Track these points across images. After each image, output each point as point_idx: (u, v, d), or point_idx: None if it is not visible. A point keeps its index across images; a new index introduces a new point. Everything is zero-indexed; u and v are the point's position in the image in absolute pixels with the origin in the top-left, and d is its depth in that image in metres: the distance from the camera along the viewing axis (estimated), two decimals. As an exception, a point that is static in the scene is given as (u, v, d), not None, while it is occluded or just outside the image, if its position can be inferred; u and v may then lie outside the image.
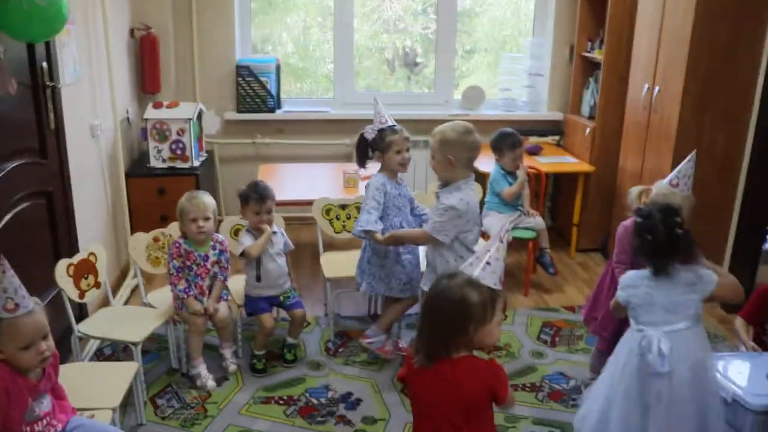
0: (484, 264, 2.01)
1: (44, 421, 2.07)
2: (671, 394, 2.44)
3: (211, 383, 3.20)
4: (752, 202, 3.98)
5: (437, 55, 5.41)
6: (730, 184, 4.05)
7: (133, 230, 4.19)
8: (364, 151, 3.33)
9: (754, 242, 4.03)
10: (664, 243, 2.41)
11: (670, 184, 2.87)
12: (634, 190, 3.03)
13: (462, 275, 1.95)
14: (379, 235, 3.12)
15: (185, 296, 3.16)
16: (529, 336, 3.76)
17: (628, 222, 2.92)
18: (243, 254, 3.25)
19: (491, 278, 1.99)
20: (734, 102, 3.92)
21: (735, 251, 4.11)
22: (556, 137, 5.34)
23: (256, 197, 3.27)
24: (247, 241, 3.26)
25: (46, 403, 2.09)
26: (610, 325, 3.02)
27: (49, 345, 2.05)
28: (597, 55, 4.88)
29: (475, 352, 1.98)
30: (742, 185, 4.03)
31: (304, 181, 4.50)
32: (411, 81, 5.76)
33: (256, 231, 3.30)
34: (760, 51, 3.84)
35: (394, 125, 3.30)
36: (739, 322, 3.14)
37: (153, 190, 4.33)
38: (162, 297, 3.35)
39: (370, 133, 3.29)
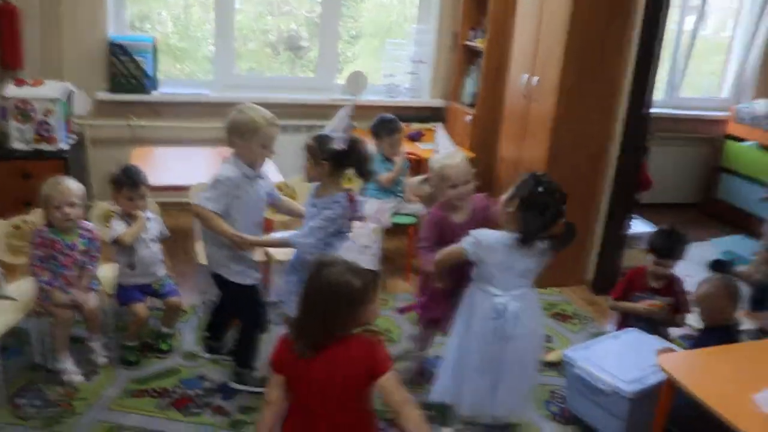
0: (362, 247, 2.00)
1: None
2: (522, 354, 2.62)
3: (78, 378, 3.04)
4: (619, 189, 4.20)
5: (321, 39, 5.35)
6: (600, 172, 4.25)
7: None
8: (341, 165, 2.87)
9: (620, 227, 4.26)
10: (549, 223, 2.54)
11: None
12: (416, 180, 3.25)
13: (341, 261, 1.93)
14: None
15: (49, 288, 2.97)
16: (409, 321, 3.80)
17: (434, 207, 3.02)
18: (116, 241, 3.10)
19: (370, 261, 1.99)
20: (606, 92, 4.10)
21: (604, 235, 4.32)
22: (438, 124, 5.40)
23: (129, 182, 3.12)
24: (119, 227, 3.11)
25: None
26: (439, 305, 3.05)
27: None
28: (479, 44, 4.98)
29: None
30: (611, 173, 4.23)
31: (181, 165, 4.34)
32: (296, 65, 5.66)
33: (128, 217, 3.15)
34: (629, 43, 4.03)
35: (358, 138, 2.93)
36: (611, 302, 3.45)
37: (16, 174, 4.02)
38: (21, 289, 3.12)
39: (339, 143, 2.80)
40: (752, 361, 2.71)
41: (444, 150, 3.11)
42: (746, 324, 3.45)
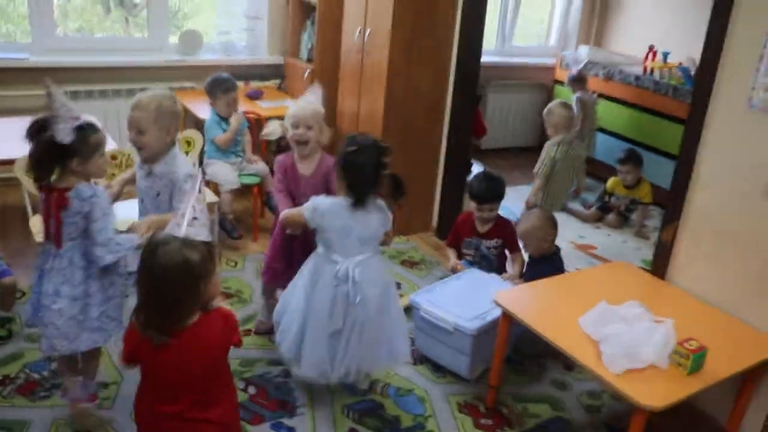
0: (191, 219, 1.93)
1: None
2: (364, 319, 2.64)
3: None
4: (455, 137, 4.35)
5: (151, -3, 5.06)
6: (437, 121, 4.37)
7: None
8: (52, 159, 2.32)
9: (459, 174, 4.43)
10: (372, 180, 2.56)
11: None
12: (269, 127, 3.18)
13: (173, 238, 1.84)
14: None
15: None
16: (260, 280, 3.78)
17: (281, 155, 3.08)
18: None
19: (202, 232, 1.93)
20: (437, 43, 4.19)
21: (444, 183, 4.48)
22: (278, 81, 5.35)
23: None
24: None
25: None
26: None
27: None
28: (312, -3, 4.93)
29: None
30: (447, 122, 4.37)
31: (1, 138, 4.00)
32: (129, 23, 5.31)
33: None
34: (455, 4, 4.13)
35: (91, 122, 2.44)
36: (447, 249, 3.60)
37: None
38: None
39: (66, 133, 2.26)
40: (575, 289, 2.94)
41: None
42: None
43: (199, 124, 4.48)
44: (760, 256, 2.67)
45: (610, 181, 5.01)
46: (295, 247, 3.02)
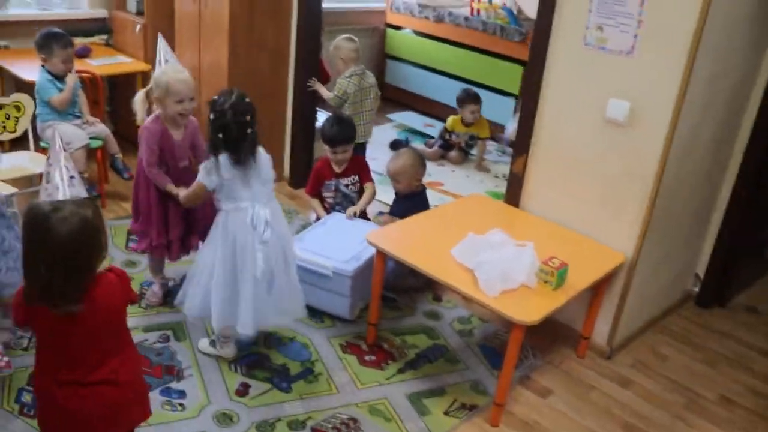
0: (69, 179, 1.83)
1: None
2: (276, 257, 2.70)
3: None
4: (302, 86, 4.34)
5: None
6: (282, 72, 4.35)
7: None
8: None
9: (307, 123, 4.46)
10: (237, 140, 2.55)
11: (161, 63, 3.09)
12: (140, 95, 3.06)
13: (61, 203, 1.75)
14: None
15: None
16: (117, 246, 3.64)
17: (148, 122, 2.99)
18: None
19: (81, 189, 1.85)
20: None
21: (293, 132, 4.48)
22: (104, 36, 4.99)
23: None
24: None
25: None
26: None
27: None
28: (137, -56, 4.63)
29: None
30: (292, 71, 4.35)
31: None
32: None
33: None
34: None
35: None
36: (310, 199, 3.70)
37: None
38: None
39: None
40: (441, 223, 3.12)
41: (168, 61, 3.07)
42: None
43: (23, 87, 4.11)
44: (602, 180, 2.98)
45: (450, 120, 5.26)
46: (170, 214, 3.03)
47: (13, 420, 2.46)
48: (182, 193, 2.87)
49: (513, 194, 3.33)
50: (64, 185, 1.81)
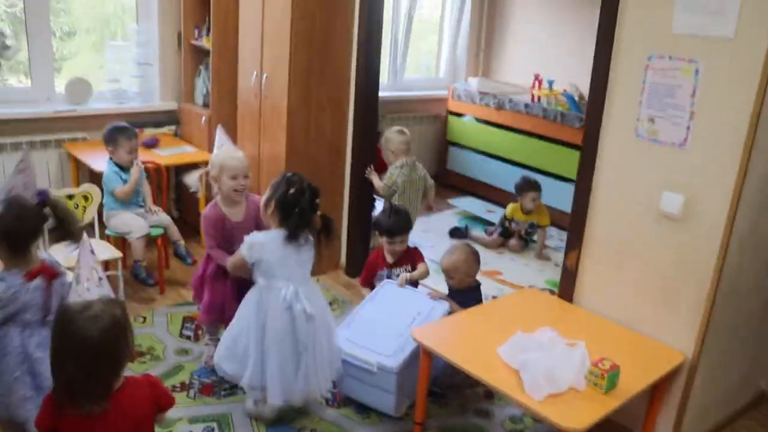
0: (98, 280, 1.88)
1: None
2: (315, 334, 2.81)
3: None
4: (359, 175, 4.39)
5: (30, 40, 4.76)
6: (339, 161, 4.42)
7: None
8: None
9: (364, 211, 4.48)
10: (308, 219, 2.78)
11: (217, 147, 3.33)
12: (194, 176, 3.40)
13: (89, 302, 1.79)
14: None
15: None
16: (171, 334, 3.67)
17: (207, 210, 3.18)
18: None
19: (109, 291, 1.90)
20: (335, 82, 4.26)
21: (350, 219, 4.51)
22: (173, 127, 5.24)
23: None
24: None
25: None
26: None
27: None
28: (206, 42, 4.88)
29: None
30: (348, 160, 4.42)
31: None
32: (3, 68, 5.01)
33: None
34: (352, 31, 4.22)
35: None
36: (362, 289, 3.65)
37: None
38: None
39: None
40: (491, 319, 3.02)
41: (225, 146, 3.30)
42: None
43: (94, 177, 4.32)
44: (657, 275, 2.84)
45: (509, 208, 5.20)
46: (226, 291, 3.15)
47: None
48: (229, 258, 2.98)
49: (566, 289, 3.22)
50: (94, 286, 1.85)
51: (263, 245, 2.77)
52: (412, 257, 3.62)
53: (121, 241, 4.12)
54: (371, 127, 4.40)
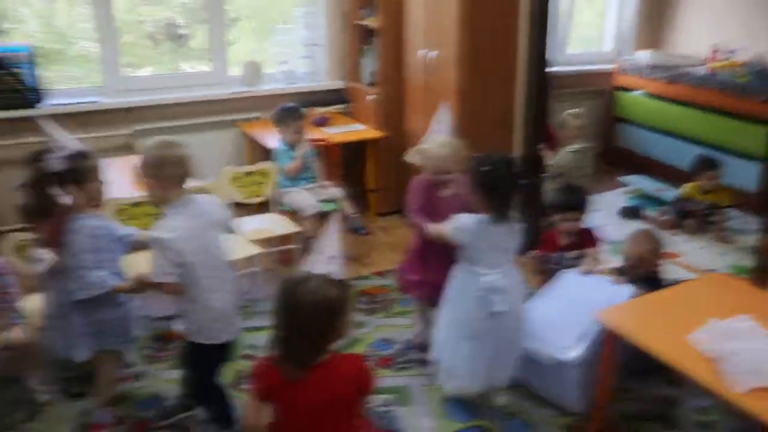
0: (329, 258, 1.95)
1: None
2: (508, 327, 2.77)
3: (45, 397, 2.99)
4: (529, 152, 4.30)
5: (210, 30, 5.06)
6: (508, 139, 4.34)
7: None
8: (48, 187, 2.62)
9: (534, 190, 4.38)
10: (511, 192, 2.67)
11: (433, 134, 3.24)
12: (412, 151, 3.30)
13: (313, 276, 1.87)
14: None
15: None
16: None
17: (420, 177, 3.16)
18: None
19: (339, 270, 1.96)
20: (504, 57, 4.19)
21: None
22: (341, 106, 5.37)
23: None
24: (48, 255, 2.89)
25: None
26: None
27: None
28: (371, 22, 4.95)
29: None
30: (518, 137, 4.34)
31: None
32: (178, 55, 5.37)
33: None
34: (521, 5, 4.10)
35: (84, 149, 2.72)
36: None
37: None
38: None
39: (55, 164, 2.58)
40: (677, 305, 2.86)
41: (441, 131, 3.22)
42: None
43: (267, 154, 4.53)
44: None
45: (687, 187, 4.89)
46: (429, 258, 3.11)
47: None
48: (431, 227, 2.94)
49: (760, 275, 2.99)
50: (323, 261, 1.94)
51: (469, 231, 2.72)
52: (585, 240, 3.49)
53: (295, 216, 4.28)
54: (541, 102, 4.29)
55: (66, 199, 2.60)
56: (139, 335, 2.98)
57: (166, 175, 2.45)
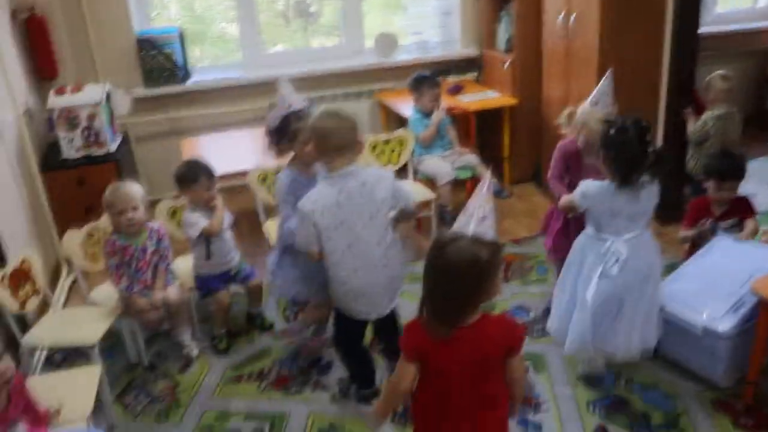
0: (480, 218, 1.96)
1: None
2: (630, 294, 2.69)
3: (195, 351, 3.23)
4: (673, 117, 4.11)
5: (344, 3, 5.21)
6: (653, 101, 4.16)
7: (57, 227, 3.97)
8: (275, 141, 2.99)
9: (676, 155, 4.19)
10: (637, 158, 2.57)
11: (591, 103, 3.08)
12: (562, 116, 3.20)
13: (463, 236, 1.88)
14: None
15: (129, 294, 3.03)
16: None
17: (566, 141, 3.12)
18: (203, 233, 3.13)
19: (490, 231, 1.95)
20: (649, 18, 3.99)
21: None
22: (475, 73, 5.33)
23: (205, 174, 3.14)
24: (201, 220, 3.14)
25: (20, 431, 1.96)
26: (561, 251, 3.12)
27: (6, 365, 1.90)
28: (506, -12, 4.86)
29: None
30: (664, 103, 4.15)
31: (229, 151, 4.34)
32: (308, 32, 5.50)
33: (207, 209, 3.18)
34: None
35: (300, 110, 2.94)
36: (681, 232, 3.40)
37: (72, 183, 4.07)
38: (105, 293, 3.20)
39: (273, 121, 2.95)
40: None
41: (598, 100, 3.10)
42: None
43: (402, 123, 4.59)
44: None
45: None
46: (569, 224, 3.09)
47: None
48: (564, 197, 2.91)
49: None
50: (474, 222, 1.95)
51: (594, 197, 2.68)
52: (741, 209, 3.29)
53: (431, 183, 4.32)
54: (689, 65, 4.07)
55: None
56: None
57: (329, 145, 2.43)
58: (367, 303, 2.59)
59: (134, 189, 3.05)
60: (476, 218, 1.94)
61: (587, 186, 2.71)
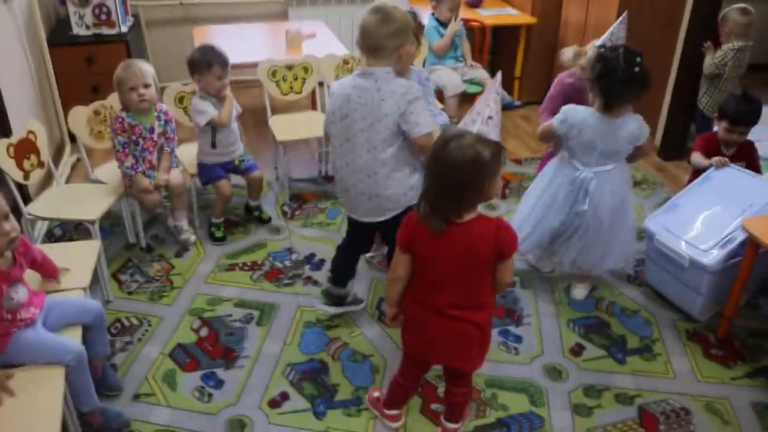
0: (486, 118, 1.96)
1: (23, 310, 2.04)
2: (589, 226, 2.79)
3: (192, 237, 3.30)
4: (691, 51, 4.05)
5: None
6: (671, 34, 4.10)
7: (63, 106, 3.97)
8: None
9: (690, 90, 4.15)
10: (623, 82, 2.55)
11: (603, 39, 3.00)
12: (569, 51, 3.09)
13: (468, 133, 1.87)
14: None
15: (133, 173, 3.07)
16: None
17: (564, 75, 3.09)
18: (210, 123, 3.14)
19: (494, 132, 1.95)
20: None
21: (673, 97, 4.22)
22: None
23: (220, 62, 3.12)
24: (209, 108, 3.15)
25: (22, 292, 2.04)
26: None
27: (13, 225, 1.96)
28: None
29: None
30: (683, 33, 4.08)
31: (242, 43, 4.28)
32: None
33: (217, 97, 3.18)
34: None
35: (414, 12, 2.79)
36: (695, 155, 3.30)
37: (80, 60, 4.05)
38: (109, 172, 3.24)
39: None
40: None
41: (610, 38, 3.01)
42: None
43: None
44: None
45: None
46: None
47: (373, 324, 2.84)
48: (543, 125, 2.86)
49: None
50: (479, 121, 1.94)
51: (574, 125, 2.66)
52: (747, 154, 3.28)
53: (439, 94, 4.28)
54: (713, 3, 3.97)
55: None
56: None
57: (363, 44, 2.35)
58: (348, 201, 2.59)
59: (146, 67, 3.05)
60: (482, 118, 1.94)
61: (568, 110, 2.69)
